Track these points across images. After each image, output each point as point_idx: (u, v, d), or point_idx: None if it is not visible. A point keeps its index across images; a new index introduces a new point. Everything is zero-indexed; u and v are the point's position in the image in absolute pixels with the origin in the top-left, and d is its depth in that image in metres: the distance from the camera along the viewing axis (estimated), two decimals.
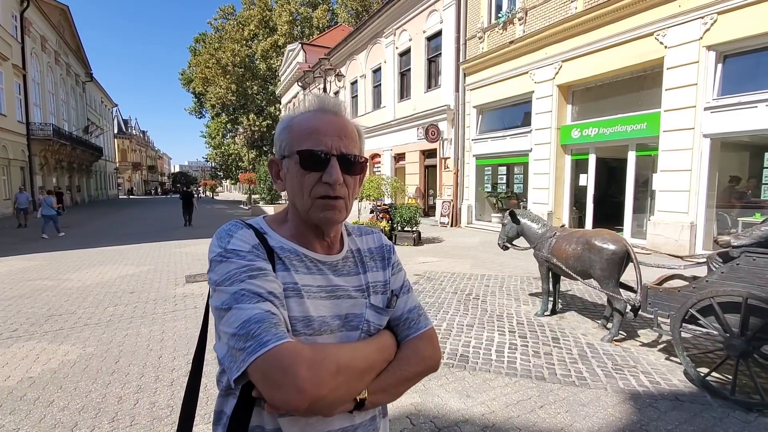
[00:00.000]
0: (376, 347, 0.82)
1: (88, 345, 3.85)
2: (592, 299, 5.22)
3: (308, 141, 0.79)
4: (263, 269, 0.74)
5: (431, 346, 0.90)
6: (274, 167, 0.88)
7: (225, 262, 0.74)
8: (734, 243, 2.94)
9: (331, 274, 0.84)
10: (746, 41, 6.94)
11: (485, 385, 3.03)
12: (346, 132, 0.82)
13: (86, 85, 36.01)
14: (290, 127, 0.82)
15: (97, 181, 40.56)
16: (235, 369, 0.66)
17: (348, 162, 0.81)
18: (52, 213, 11.74)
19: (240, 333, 0.66)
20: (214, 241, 0.79)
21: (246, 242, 0.77)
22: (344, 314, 0.83)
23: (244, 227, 0.81)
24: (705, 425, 2.51)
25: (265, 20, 38.59)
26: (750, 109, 6.92)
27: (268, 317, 0.68)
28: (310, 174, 0.79)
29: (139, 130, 72.99)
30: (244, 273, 0.72)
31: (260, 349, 0.64)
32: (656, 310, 3.26)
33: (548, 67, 10.38)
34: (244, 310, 0.68)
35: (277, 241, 0.82)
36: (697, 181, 7.61)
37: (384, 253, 0.96)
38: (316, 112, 0.82)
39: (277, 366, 0.63)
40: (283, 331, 0.68)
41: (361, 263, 0.91)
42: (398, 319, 0.91)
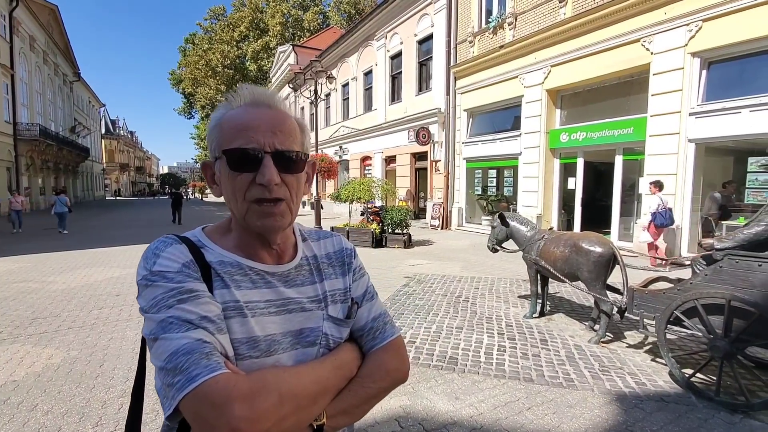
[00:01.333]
0: (331, 366, 0.74)
1: (73, 348, 3.77)
2: (579, 301, 5.27)
3: (238, 139, 0.70)
4: (195, 291, 0.66)
5: (398, 358, 0.84)
6: (208, 171, 0.78)
7: (151, 286, 0.66)
8: (718, 246, 3.00)
9: (281, 286, 0.76)
10: (730, 48, 7.11)
11: (474, 387, 3.04)
12: (281, 126, 0.73)
13: (74, 85, 35.49)
14: (220, 125, 0.73)
15: (84, 182, 39.93)
16: (167, 406, 0.60)
17: (285, 159, 0.72)
18: (65, 210, 13.09)
19: (168, 367, 0.59)
20: (141, 262, 0.70)
21: (175, 261, 0.69)
22: (298, 329, 0.75)
23: (174, 243, 0.72)
24: (690, 426, 2.54)
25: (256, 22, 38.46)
26: (733, 115, 7.08)
27: (199, 347, 0.60)
28: (242, 175, 0.70)
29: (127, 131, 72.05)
30: (172, 297, 0.64)
31: (188, 385, 0.57)
32: (642, 311, 3.31)
33: (537, 72, 10.50)
34: (171, 341, 0.61)
35: (216, 255, 0.73)
36: (683, 185, 7.75)
37: (344, 257, 0.88)
38: (247, 107, 0.73)
39: (208, 403, 0.56)
40: (216, 361, 0.60)
41: (318, 271, 0.83)
42: (362, 329, 0.84)
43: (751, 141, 7.13)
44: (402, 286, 6.08)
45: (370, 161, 18.84)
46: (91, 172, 43.22)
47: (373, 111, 18.37)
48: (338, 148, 20.81)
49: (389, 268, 7.53)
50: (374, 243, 10.05)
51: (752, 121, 6.87)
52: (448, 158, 13.71)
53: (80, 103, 38.64)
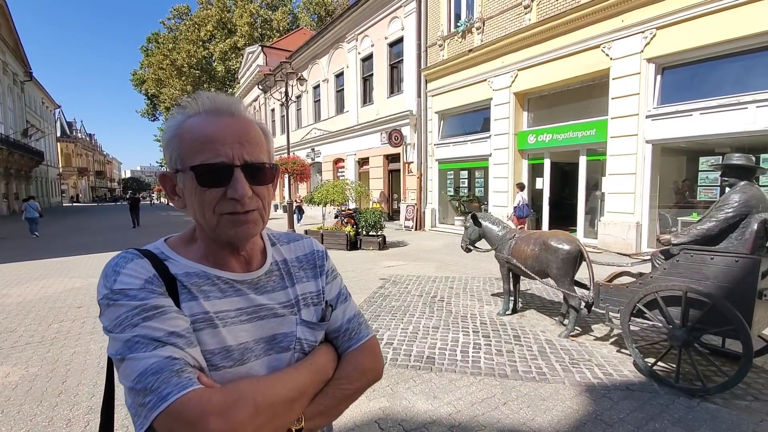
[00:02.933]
0: (307, 370, 0.75)
1: (32, 365, 3.56)
2: (549, 297, 5.45)
3: (203, 152, 0.67)
4: (160, 307, 0.64)
5: (373, 357, 0.85)
6: (167, 183, 0.75)
7: (113, 305, 0.64)
8: (674, 241, 3.19)
9: (252, 293, 0.75)
10: (682, 54, 7.56)
11: (451, 385, 3.09)
12: (248, 136, 0.70)
13: (25, 85, 33.42)
14: (180, 135, 0.70)
15: (38, 188, 37.65)
16: (139, 426, 0.59)
17: (255, 171, 0.70)
18: (35, 215, 13.72)
19: (137, 387, 0.59)
20: (100, 280, 0.67)
21: (137, 277, 0.66)
22: (270, 335, 0.75)
23: (135, 258, 0.69)
24: (653, 412, 2.69)
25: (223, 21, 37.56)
26: (686, 117, 7.53)
27: (167, 365, 0.60)
28: (211, 190, 0.68)
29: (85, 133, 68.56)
30: (137, 315, 0.62)
31: (161, 405, 0.57)
32: (607, 305, 3.47)
33: (505, 76, 10.80)
34: (138, 360, 0.60)
35: (181, 267, 0.72)
36: (641, 183, 8.17)
37: (315, 260, 0.87)
38: (208, 115, 0.69)
39: (181, 421, 0.56)
40: (188, 377, 0.60)
41: (288, 275, 0.82)
42: (337, 330, 0.85)
43: (701, 142, 7.61)
44: (378, 288, 6.10)
45: (343, 163, 18.78)
46: (46, 177, 40.86)
47: (345, 113, 18.32)
48: (310, 151, 20.62)
49: (364, 270, 7.53)
50: (349, 245, 10.02)
51: (702, 123, 7.33)
52: (421, 160, 13.86)
53: (33, 104, 36.46)
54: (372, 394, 2.95)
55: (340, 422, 2.59)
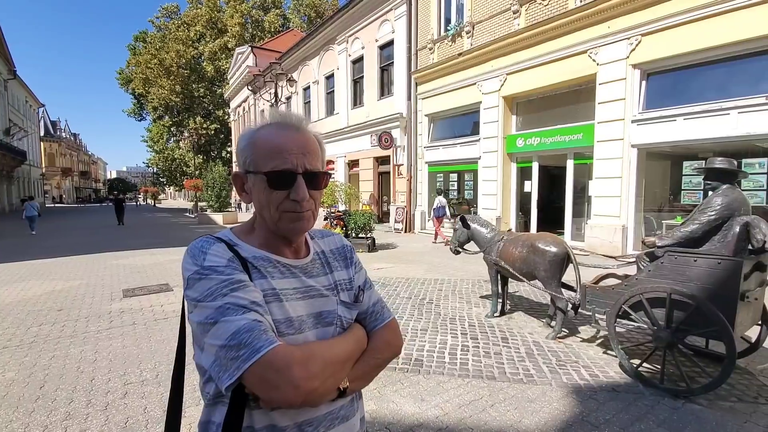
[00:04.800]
0: (353, 340, 0.90)
1: (8, 370, 3.45)
2: (537, 299, 5.48)
3: (274, 160, 0.82)
4: (242, 281, 0.78)
5: (395, 334, 1.01)
6: (238, 181, 0.91)
7: (204, 279, 0.77)
8: (659, 243, 3.23)
9: (303, 276, 0.90)
10: (666, 61, 7.71)
11: (439, 387, 3.08)
12: (309, 148, 0.86)
13: (8, 84, 32.60)
14: (254, 143, 0.85)
15: (20, 188, 36.76)
16: (227, 377, 0.71)
17: (313, 178, 0.86)
18: (35, 214, 14.97)
19: (231, 343, 0.70)
20: (188, 258, 0.81)
21: (221, 257, 0.80)
22: (318, 312, 0.89)
23: (216, 242, 0.84)
24: (639, 413, 2.71)
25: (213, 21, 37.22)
26: (670, 122, 7.68)
27: (257, 326, 0.72)
28: (278, 192, 0.83)
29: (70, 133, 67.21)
30: (226, 287, 0.75)
31: (255, 355, 0.69)
32: (594, 307, 3.50)
33: (494, 79, 10.89)
34: (232, 322, 0.72)
35: (249, 252, 0.86)
36: (627, 187, 8.29)
37: (346, 253, 1.04)
38: (278, 128, 0.86)
39: (273, 368, 0.69)
40: (272, 336, 0.73)
41: (327, 264, 0.98)
42: (365, 312, 1.00)
43: (685, 146, 7.76)
44: None
45: (333, 165, 18.72)
46: (29, 178, 39.92)
47: (335, 115, 18.28)
48: None
49: None
50: None
51: (686, 128, 7.48)
52: (411, 162, 13.89)
53: (16, 103, 35.58)
54: None
55: None
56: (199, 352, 0.80)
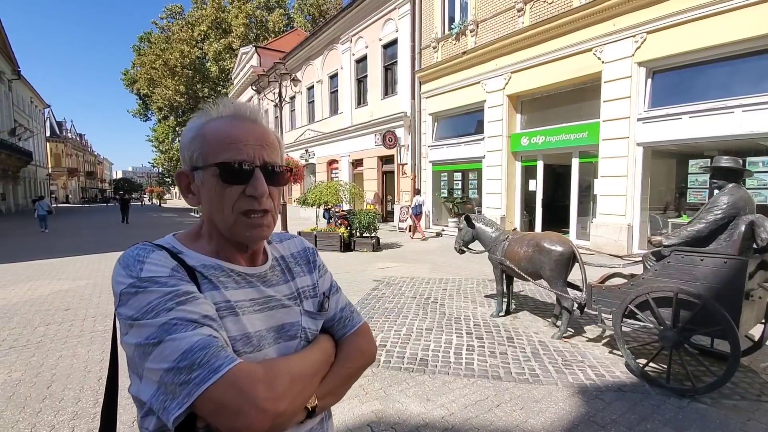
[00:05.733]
0: (319, 351, 0.82)
1: (15, 369, 3.49)
2: (542, 299, 5.47)
3: (227, 151, 0.72)
4: (190, 292, 0.67)
5: (367, 340, 0.93)
6: (183, 180, 0.79)
7: (142, 292, 0.65)
8: (665, 243, 3.21)
9: (261, 286, 0.81)
10: (671, 59, 7.65)
11: (444, 387, 3.08)
12: (267, 140, 0.77)
13: (13, 84, 32.89)
14: (203, 135, 0.74)
15: (26, 189, 37.10)
16: (175, 406, 0.60)
17: (272, 172, 0.76)
18: (45, 213, 15.88)
19: (181, 365, 0.60)
20: (120, 270, 0.68)
21: (162, 266, 0.69)
22: (279, 325, 0.80)
23: (155, 249, 0.72)
24: (645, 413, 2.70)
25: (218, 21, 37.34)
26: (675, 121, 7.62)
27: (213, 342, 0.63)
28: (232, 187, 0.73)
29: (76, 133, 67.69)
30: (170, 300, 0.64)
31: (212, 376, 0.60)
32: (600, 306, 3.48)
33: (498, 78, 10.85)
34: (181, 340, 0.61)
35: (196, 260, 0.75)
36: (633, 186, 8.24)
37: (308, 256, 0.95)
38: (231, 119, 0.75)
39: (234, 390, 0.60)
40: (231, 353, 0.64)
41: (288, 270, 0.89)
42: (332, 319, 0.92)
43: (691, 145, 7.70)
44: (371, 290, 6.07)
45: (337, 165, 18.74)
46: (35, 178, 40.27)
47: (339, 114, 18.29)
48: (304, 152, 20.54)
49: (358, 271, 7.50)
50: (342, 247, 9.98)
51: (692, 126, 7.42)
52: (415, 161, 13.87)
53: (21, 104, 35.89)
54: (365, 397, 2.93)
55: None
56: (137, 381, 0.66)
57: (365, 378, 3.20)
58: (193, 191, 0.78)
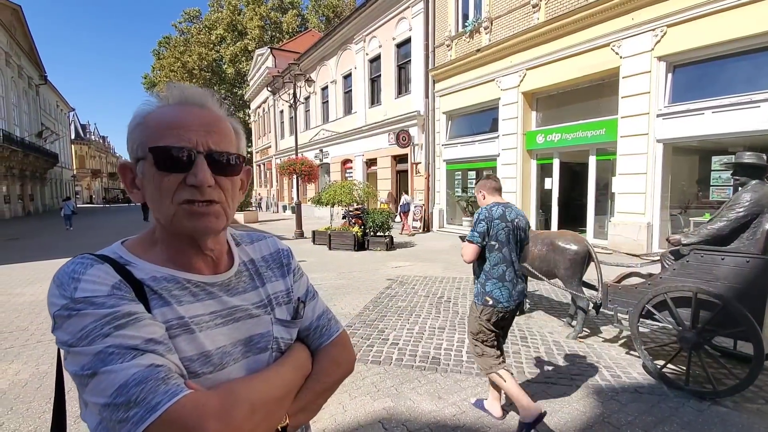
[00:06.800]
0: (291, 366, 0.75)
1: (42, 363, 3.63)
2: (557, 298, 5.39)
3: (167, 137, 0.64)
4: (133, 313, 0.59)
5: (346, 351, 0.86)
6: (126, 174, 0.70)
7: (76, 315, 0.57)
8: (684, 241, 3.14)
9: (224, 295, 0.73)
10: (692, 53, 7.44)
11: (456, 386, 3.07)
12: (216, 126, 0.68)
13: (40, 88, 34.12)
14: (145, 123, 0.67)
15: (53, 190, 38.42)
16: None
17: (220, 161, 0.67)
18: (70, 212, 17.36)
19: (118, 401, 0.53)
20: (53, 290, 0.61)
21: (101, 283, 0.61)
22: (247, 337, 0.73)
23: (95, 263, 0.63)
24: (662, 415, 2.64)
25: (233, 24, 37.94)
26: (697, 116, 7.40)
27: (152, 373, 0.55)
28: (170, 176, 0.65)
29: (99, 136, 69.75)
30: (107, 324, 0.57)
31: (150, 415, 0.52)
32: (616, 306, 3.42)
33: (513, 75, 10.73)
34: (116, 372, 0.54)
35: (146, 272, 0.67)
36: (652, 183, 8.04)
37: (281, 259, 0.87)
38: (177, 105, 0.68)
39: (178, 429, 0.53)
40: (175, 384, 0.56)
41: (258, 275, 0.81)
42: (308, 328, 0.85)
43: (713, 141, 7.47)
44: (385, 288, 6.09)
45: (351, 164, 18.81)
46: (61, 179, 41.64)
47: (352, 114, 18.36)
48: (318, 152, 20.70)
49: (372, 270, 7.53)
50: (356, 246, 10.03)
51: (714, 121, 7.20)
52: (428, 160, 13.83)
53: (47, 107, 37.19)
54: (376, 393, 2.95)
55: (344, 421, 2.60)
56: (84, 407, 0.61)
57: (377, 375, 3.22)
58: (138, 185, 0.69)
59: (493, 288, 2.46)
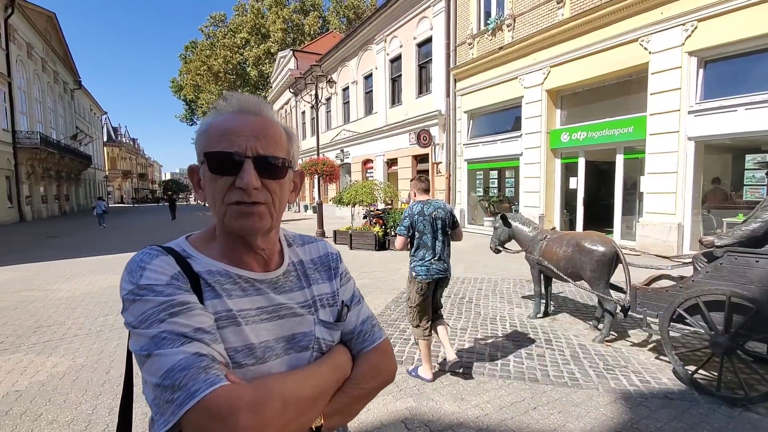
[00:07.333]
0: (328, 368, 0.76)
1: (78, 356, 3.80)
2: (583, 301, 5.28)
3: (221, 143, 0.71)
4: (186, 303, 0.65)
5: (387, 358, 0.87)
6: (194, 176, 0.78)
7: (139, 300, 0.64)
8: (717, 243, 3.02)
9: (271, 293, 0.77)
10: (725, 47, 7.14)
11: (479, 387, 3.06)
12: (265, 132, 0.73)
13: (75, 93, 35.66)
14: (206, 131, 0.74)
15: (86, 190, 40.08)
16: (163, 423, 0.58)
17: (268, 165, 0.72)
18: (102, 212, 18.65)
19: (165, 383, 0.59)
20: (125, 275, 0.69)
21: (162, 273, 0.67)
22: (290, 335, 0.76)
23: (160, 254, 0.71)
24: (693, 421, 2.56)
25: (257, 27, 38.65)
26: (730, 113, 7.10)
27: (195, 361, 0.60)
28: (222, 179, 0.71)
29: (129, 138, 72.35)
30: (164, 311, 0.63)
31: (189, 401, 0.57)
32: (645, 310, 3.33)
33: (537, 73, 10.54)
34: (166, 356, 0.60)
35: (203, 265, 0.73)
36: (683, 182, 7.76)
37: (329, 262, 0.90)
38: (234, 114, 0.74)
39: (212, 417, 0.56)
40: (215, 374, 0.60)
41: (305, 276, 0.84)
42: (351, 332, 0.86)
43: (747, 138, 7.15)
44: (406, 288, 6.09)
45: (372, 164, 18.89)
46: (94, 180, 43.40)
47: (373, 114, 18.43)
48: (339, 152, 20.87)
49: (393, 270, 7.55)
50: (377, 246, 10.08)
51: (748, 118, 6.89)
52: (449, 160, 13.75)
53: (82, 111, 38.82)
54: (399, 393, 2.97)
55: (367, 420, 2.62)
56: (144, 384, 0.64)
57: (399, 375, 3.24)
58: (201, 186, 0.76)
59: (415, 266, 3.25)
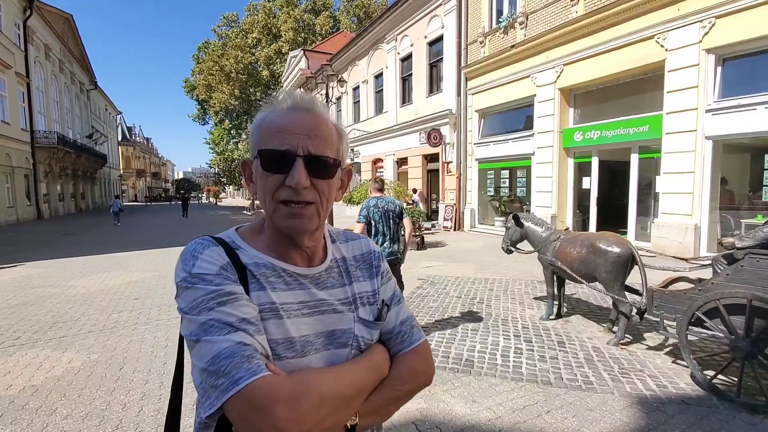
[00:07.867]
0: (365, 367, 0.76)
1: (93, 352, 3.85)
2: (597, 302, 5.19)
3: (273, 140, 0.72)
4: (233, 293, 0.68)
5: (425, 361, 0.86)
6: (246, 169, 0.81)
7: (191, 288, 0.68)
8: (738, 245, 2.93)
9: (313, 288, 0.78)
10: (744, 45, 6.96)
11: (491, 389, 3.02)
12: (317, 131, 0.73)
13: (91, 93, 36.29)
14: (260, 126, 0.75)
15: (102, 188, 40.80)
16: (208, 406, 0.61)
17: (318, 164, 0.72)
18: (117, 209, 19.74)
19: (210, 369, 0.62)
20: (179, 263, 0.72)
21: (213, 263, 0.70)
22: (330, 330, 0.77)
23: (211, 245, 0.73)
24: (712, 428, 2.49)
25: (268, 27, 38.90)
26: (750, 111, 6.93)
27: (239, 350, 0.62)
28: (273, 176, 0.72)
29: (143, 138, 73.41)
30: (213, 300, 0.66)
31: (232, 388, 0.59)
32: (662, 312, 3.25)
33: (550, 71, 10.41)
34: (213, 343, 0.63)
35: (251, 257, 0.75)
36: (700, 183, 7.59)
37: (372, 260, 0.90)
38: (288, 110, 0.75)
39: (251, 406, 0.59)
40: (257, 364, 0.62)
41: (347, 273, 0.85)
42: (390, 332, 0.86)
43: (767, 138, 6.96)
44: (416, 288, 6.07)
45: (382, 163, 18.88)
46: (109, 179, 44.15)
47: (384, 113, 18.41)
48: (350, 151, 20.90)
49: (403, 270, 7.49)
50: None
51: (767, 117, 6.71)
52: (460, 159, 13.66)
53: (97, 111, 39.51)
54: None
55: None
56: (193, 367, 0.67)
57: None
58: (253, 180, 0.78)
59: None
